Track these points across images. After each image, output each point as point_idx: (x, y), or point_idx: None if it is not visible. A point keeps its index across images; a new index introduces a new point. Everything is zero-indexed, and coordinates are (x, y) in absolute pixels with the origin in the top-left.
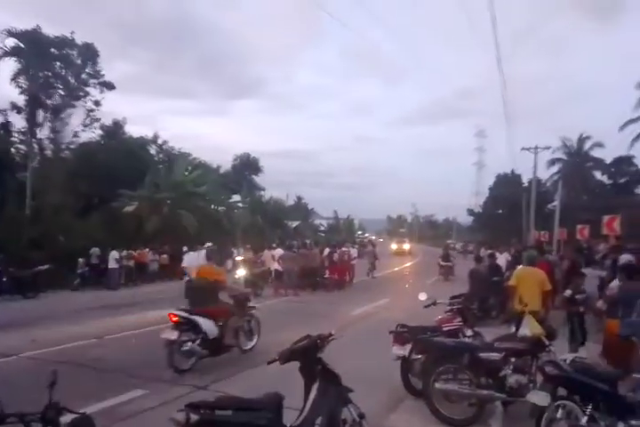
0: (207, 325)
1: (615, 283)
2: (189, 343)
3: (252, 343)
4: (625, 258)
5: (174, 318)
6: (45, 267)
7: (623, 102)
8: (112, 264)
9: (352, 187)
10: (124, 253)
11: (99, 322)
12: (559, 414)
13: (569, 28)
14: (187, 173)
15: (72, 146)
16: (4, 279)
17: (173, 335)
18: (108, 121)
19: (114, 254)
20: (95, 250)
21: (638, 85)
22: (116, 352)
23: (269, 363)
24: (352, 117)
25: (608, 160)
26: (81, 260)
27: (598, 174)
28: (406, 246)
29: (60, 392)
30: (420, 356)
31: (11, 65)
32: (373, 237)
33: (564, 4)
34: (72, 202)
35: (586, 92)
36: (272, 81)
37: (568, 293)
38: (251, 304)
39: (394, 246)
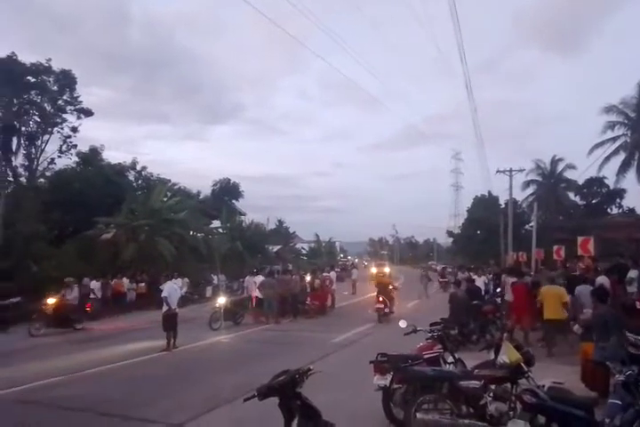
0: (387, 302)
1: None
2: (386, 309)
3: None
4: (599, 281)
5: (380, 299)
6: (17, 299)
7: (591, 127)
8: (93, 294)
9: (333, 210)
10: (100, 282)
11: (70, 357)
12: None
13: (535, 59)
14: (165, 200)
15: (47, 173)
16: None
17: (380, 306)
18: (85, 147)
19: (95, 284)
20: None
21: (601, 112)
22: (86, 390)
23: (246, 400)
24: (330, 143)
25: (580, 181)
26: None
27: (572, 195)
28: (387, 269)
29: None
30: (400, 385)
31: None
32: (356, 260)
33: (529, 38)
34: (45, 230)
35: (556, 117)
36: (251, 107)
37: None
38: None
39: (374, 270)
